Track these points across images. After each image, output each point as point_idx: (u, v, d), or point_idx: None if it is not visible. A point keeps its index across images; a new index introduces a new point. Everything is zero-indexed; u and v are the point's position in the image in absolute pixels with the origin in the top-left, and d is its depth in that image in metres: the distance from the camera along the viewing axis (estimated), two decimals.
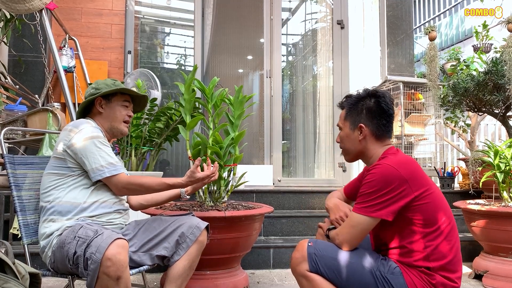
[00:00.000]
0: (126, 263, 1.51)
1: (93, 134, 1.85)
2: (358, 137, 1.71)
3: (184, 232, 1.89)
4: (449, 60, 5.92)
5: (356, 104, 1.73)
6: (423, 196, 1.55)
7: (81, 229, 1.62)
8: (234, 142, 2.63)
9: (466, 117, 5.06)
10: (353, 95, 1.78)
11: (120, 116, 2.00)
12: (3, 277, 1.28)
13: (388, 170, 1.54)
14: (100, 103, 1.98)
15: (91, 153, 1.80)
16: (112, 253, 1.47)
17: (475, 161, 3.87)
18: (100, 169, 1.79)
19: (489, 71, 3.25)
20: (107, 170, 1.80)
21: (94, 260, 1.47)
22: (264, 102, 5.08)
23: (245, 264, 3.18)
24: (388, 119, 1.71)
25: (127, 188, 1.84)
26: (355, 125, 1.71)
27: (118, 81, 2.05)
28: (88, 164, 1.80)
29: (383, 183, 1.52)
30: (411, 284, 1.51)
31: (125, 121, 2.02)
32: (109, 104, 1.99)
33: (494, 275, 2.86)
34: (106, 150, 1.84)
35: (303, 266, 1.59)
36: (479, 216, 2.93)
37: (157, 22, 5.36)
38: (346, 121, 1.75)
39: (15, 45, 4.50)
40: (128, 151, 3.20)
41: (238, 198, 3.80)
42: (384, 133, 1.71)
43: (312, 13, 5.60)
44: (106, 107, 1.99)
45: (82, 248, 1.53)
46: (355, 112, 1.72)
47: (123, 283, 1.49)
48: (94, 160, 1.80)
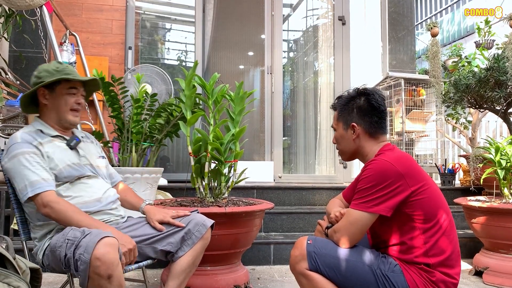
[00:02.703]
0: (116, 260, 1.47)
1: (18, 150, 1.70)
2: (351, 136, 1.73)
3: (190, 229, 1.89)
4: (450, 57, 5.90)
5: (347, 104, 1.75)
6: (420, 191, 1.55)
7: (70, 231, 1.60)
8: (234, 138, 2.63)
9: (468, 113, 5.05)
10: (343, 96, 1.79)
11: (67, 106, 1.83)
12: (3, 272, 1.28)
13: (385, 165, 1.55)
14: (44, 93, 1.81)
15: (15, 173, 1.69)
16: (100, 252, 1.44)
17: (476, 157, 3.87)
18: (24, 190, 1.67)
19: (491, 68, 3.24)
20: (30, 190, 1.66)
21: (83, 261, 1.45)
22: (265, 99, 5.08)
23: (246, 260, 3.18)
24: (380, 116, 1.71)
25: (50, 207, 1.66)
26: (348, 125, 1.73)
27: (62, 65, 1.84)
28: (16, 187, 1.71)
29: (379, 178, 1.53)
30: (412, 282, 1.51)
31: (74, 109, 1.85)
32: (53, 94, 1.82)
33: (495, 272, 2.87)
34: (30, 166, 1.69)
35: (302, 264, 1.58)
36: (480, 212, 2.93)
37: (157, 18, 5.34)
38: (339, 122, 1.77)
39: (15, 40, 4.49)
40: (128, 147, 3.20)
41: (239, 194, 3.80)
42: (377, 130, 1.71)
43: (313, 9, 5.58)
44: (50, 97, 1.82)
45: (71, 250, 1.51)
46: (346, 112, 1.74)
47: (116, 281, 1.47)
48: (18, 180, 1.69)
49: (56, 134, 1.86)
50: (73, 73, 1.84)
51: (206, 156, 2.52)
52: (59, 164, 1.78)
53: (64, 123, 1.87)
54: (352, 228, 1.56)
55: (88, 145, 2.01)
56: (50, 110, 1.84)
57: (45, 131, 1.83)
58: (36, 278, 1.43)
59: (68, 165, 1.80)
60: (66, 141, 1.87)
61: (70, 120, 1.86)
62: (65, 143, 1.87)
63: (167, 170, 4.85)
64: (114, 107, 3.18)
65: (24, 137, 1.75)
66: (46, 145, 1.79)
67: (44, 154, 1.76)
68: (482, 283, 2.89)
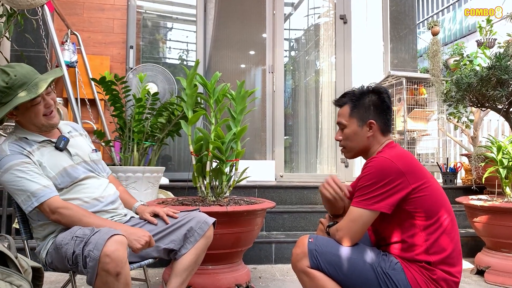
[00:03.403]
0: (125, 258, 1.49)
1: (10, 163, 1.66)
2: (367, 133, 1.70)
3: (192, 226, 1.90)
4: (452, 55, 5.88)
5: (360, 100, 1.72)
6: (421, 189, 1.55)
7: (78, 230, 1.61)
8: (236, 137, 2.63)
9: (469, 112, 5.04)
10: (355, 91, 1.76)
11: (38, 115, 1.74)
12: (5, 271, 1.28)
13: (385, 162, 1.55)
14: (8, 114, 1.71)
15: (14, 187, 1.67)
16: (110, 249, 1.45)
17: (478, 156, 3.86)
18: (28, 200, 1.66)
19: (493, 66, 3.23)
20: (34, 200, 1.66)
21: (92, 258, 1.46)
22: (266, 98, 5.07)
23: (247, 259, 3.18)
24: (391, 114, 1.75)
25: (59, 213, 1.67)
26: (364, 121, 1.70)
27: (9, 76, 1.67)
28: (17, 199, 1.69)
29: (380, 176, 1.53)
30: (413, 280, 1.51)
31: (46, 114, 1.76)
32: (18, 111, 1.73)
33: (496, 271, 2.86)
34: (27, 177, 1.66)
35: (303, 262, 1.58)
36: (482, 211, 2.92)
37: (159, 17, 5.34)
38: (351, 118, 1.72)
39: (17, 40, 4.50)
40: (130, 146, 3.20)
41: (240, 194, 3.80)
42: (388, 128, 1.73)
43: (315, 7, 5.57)
44: (18, 113, 1.73)
45: (80, 247, 1.52)
46: (362, 108, 1.71)
47: (123, 278, 1.48)
48: (19, 192, 1.67)
49: (43, 139, 1.79)
50: (27, 80, 1.70)
51: (207, 155, 2.52)
52: (51, 171, 1.75)
53: (44, 128, 1.80)
54: (353, 226, 1.56)
55: (77, 140, 1.94)
56: (24, 123, 1.77)
57: (30, 138, 1.77)
58: (38, 277, 1.44)
59: (60, 172, 1.76)
60: (55, 144, 1.82)
61: (48, 124, 1.78)
62: (53, 146, 1.81)
63: (169, 169, 4.85)
64: (116, 106, 3.18)
65: (12, 148, 1.71)
66: (36, 153, 1.74)
67: (36, 163, 1.73)
68: (484, 282, 2.89)
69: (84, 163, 1.87)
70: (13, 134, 1.78)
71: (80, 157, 1.87)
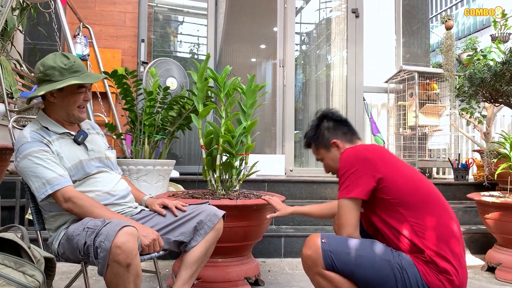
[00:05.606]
0: (135, 250, 1.51)
1: (29, 150, 1.71)
2: (337, 152, 1.84)
3: (202, 219, 1.91)
4: (465, 50, 5.81)
5: (316, 132, 1.91)
6: (393, 175, 1.61)
7: (90, 221, 1.64)
8: (246, 131, 2.63)
9: (482, 108, 4.98)
10: (308, 132, 1.97)
11: (75, 104, 1.82)
12: (19, 261, 1.30)
13: (351, 152, 1.68)
14: (51, 92, 1.78)
15: (30, 173, 1.70)
16: (121, 240, 1.47)
17: (490, 152, 3.82)
18: (42, 188, 1.69)
19: (507, 61, 3.18)
20: (49, 187, 1.68)
21: (104, 248, 1.48)
22: (276, 92, 5.06)
23: (256, 252, 3.20)
24: (346, 124, 1.89)
25: (72, 202, 1.70)
26: (328, 146, 1.87)
27: (69, 60, 1.80)
28: (31, 186, 1.72)
29: (348, 165, 1.64)
30: (424, 273, 1.52)
31: (80, 106, 1.84)
32: (61, 93, 1.80)
33: (508, 268, 2.84)
34: (44, 164, 1.70)
35: (318, 264, 1.58)
36: (493, 208, 2.89)
37: (170, 11, 5.35)
38: (319, 150, 1.92)
39: (30, 33, 4.54)
40: (141, 139, 3.22)
41: (250, 187, 3.81)
42: (353, 137, 1.87)
43: (327, 1, 5.53)
44: (58, 95, 1.80)
45: (91, 237, 1.54)
46: (321, 138, 1.89)
47: (134, 269, 1.50)
48: (34, 179, 1.70)
49: (63, 131, 1.84)
50: (81, 69, 1.82)
51: (217, 149, 2.52)
52: (68, 162, 1.78)
53: (73, 119, 1.86)
54: (342, 215, 1.63)
55: (94, 137, 1.99)
56: (57, 107, 1.83)
57: (52, 128, 1.81)
58: (50, 267, 1.46)
59: (75, 164, 1.80)
60: (73, 137, 1.86)
61: (78, 117, 1.86)
62: (72, 139, 1.86)
63: (179, 162, 4.88)
64: (127, 100, 3.21)
65: (33, 135, 1.75)
66: (55, 144, 1.79)
67: (54, 152, 1.77)
68: (495, 279, 2.87)
69: (98, 159, 1.91)
70: (37, 121, 1.84)
71: (96, 152, 1.91)
